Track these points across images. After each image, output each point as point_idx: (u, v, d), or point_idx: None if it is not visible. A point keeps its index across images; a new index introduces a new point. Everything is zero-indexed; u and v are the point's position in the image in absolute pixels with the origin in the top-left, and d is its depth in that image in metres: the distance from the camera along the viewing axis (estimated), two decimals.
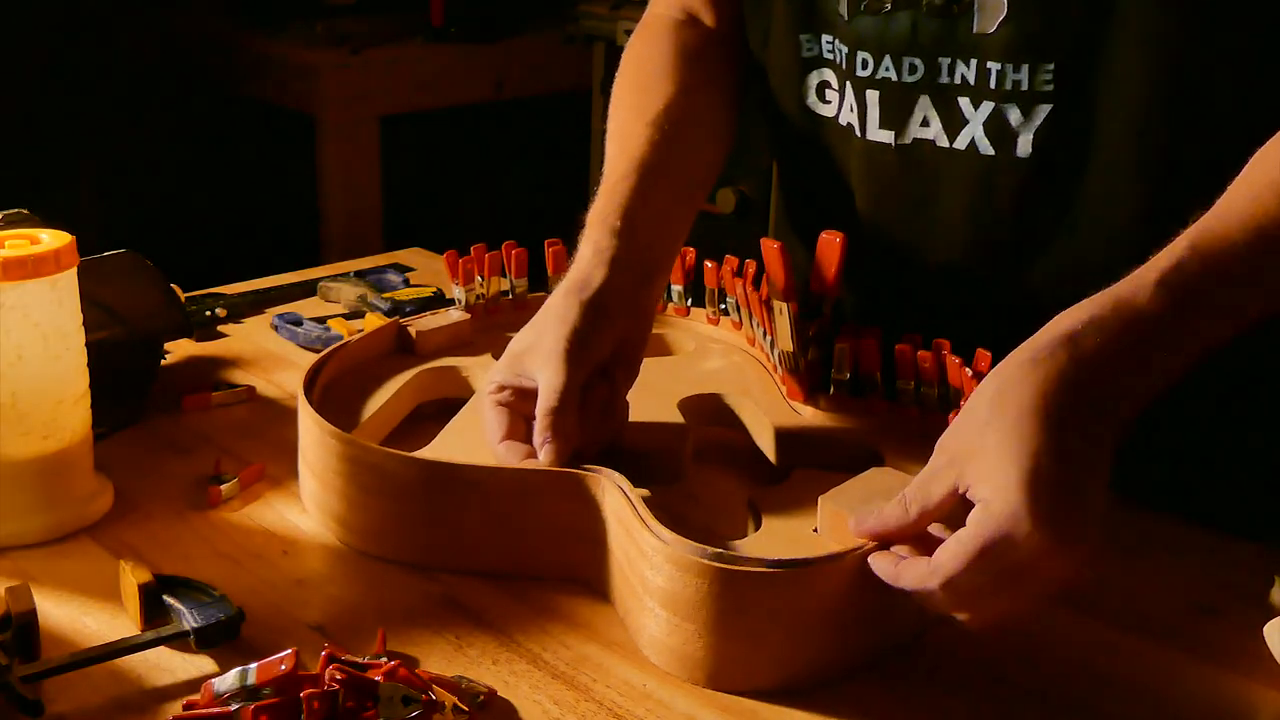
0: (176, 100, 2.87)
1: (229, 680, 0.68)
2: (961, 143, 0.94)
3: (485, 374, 0.97)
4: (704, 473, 0.91)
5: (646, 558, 0.73)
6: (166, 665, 0.74)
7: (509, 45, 2.90)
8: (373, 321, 1.18)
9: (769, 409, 0.93)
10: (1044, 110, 0.90)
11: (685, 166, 0.98)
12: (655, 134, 0.96)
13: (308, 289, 1.30)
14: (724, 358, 1.02)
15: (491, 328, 1.04)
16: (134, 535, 0.86)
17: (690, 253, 1.05)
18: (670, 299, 1.07)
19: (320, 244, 2.71)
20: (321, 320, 1.20)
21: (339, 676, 0.68)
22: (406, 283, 1.30)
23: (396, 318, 1.05)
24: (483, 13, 2.89)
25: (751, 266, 0.99)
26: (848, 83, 0.98)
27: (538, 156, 3.04)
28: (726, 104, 1.06)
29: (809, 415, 0.93)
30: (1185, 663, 0.77)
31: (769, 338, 0.96)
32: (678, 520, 0.84)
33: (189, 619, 0.74)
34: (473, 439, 0.87)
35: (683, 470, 0.87)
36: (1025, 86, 0.90)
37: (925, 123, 0.95)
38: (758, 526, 0.81)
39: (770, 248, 0.92)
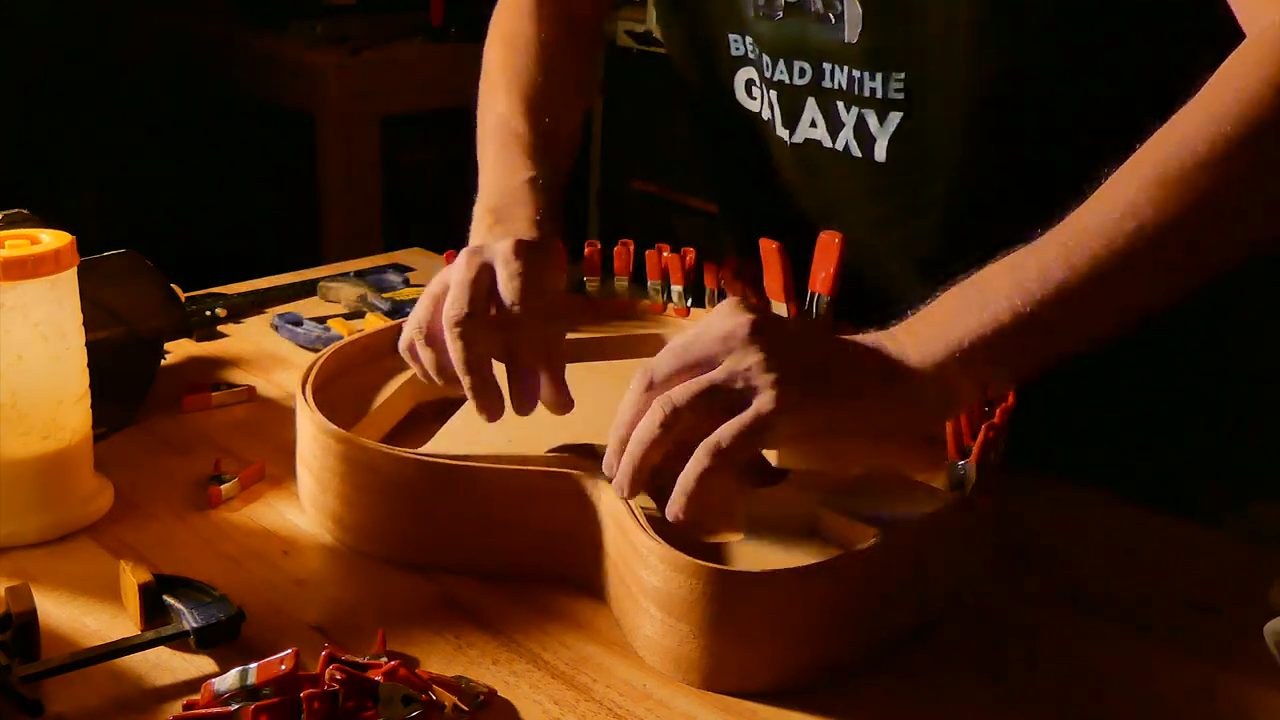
0: (177, 100, 2.87)
1: (229, 680, 0.68)
2: (840, 144, 0.97)
3: None
4: None
5: (641, 558, 0.73)
6: (166, 665, 0.74)
7: None
8: (373, 321, 1.18)
9: None
10: (896, 118, 0.93)
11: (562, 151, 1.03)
12: (535, 122, 1.02)
13: (308, 289, 1.30)
14: None
15: None
16: (134, 535, 0.87)
17: (690, 253, 1.05)
18: (670, 299, 1.07)
19: (320, 244, 2.71)
20: (321, 320, 1.20)
21: (339, 676, 0.68)
22: (406, 283, 1.30)
23: (399, 320, 1.05)
24: (483, 13, 2.89)
25: (749, 267, 0.99)
26: (762, 81, 1.01)
27: None
28: (585, 85, 1.12)
29: None
30: (1185, 663, 0.77)
31: None
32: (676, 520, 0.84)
33: (189, 619, 0.74)
34: (470, 439, 0.87)
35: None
36: (880, 94, 0.93)
37: (813, 124, 0.98)
38: (755, 527, 0.81)
39: (769, 248, 0.92)
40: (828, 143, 0.97)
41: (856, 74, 0.93)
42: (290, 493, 0.92)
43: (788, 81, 0.98)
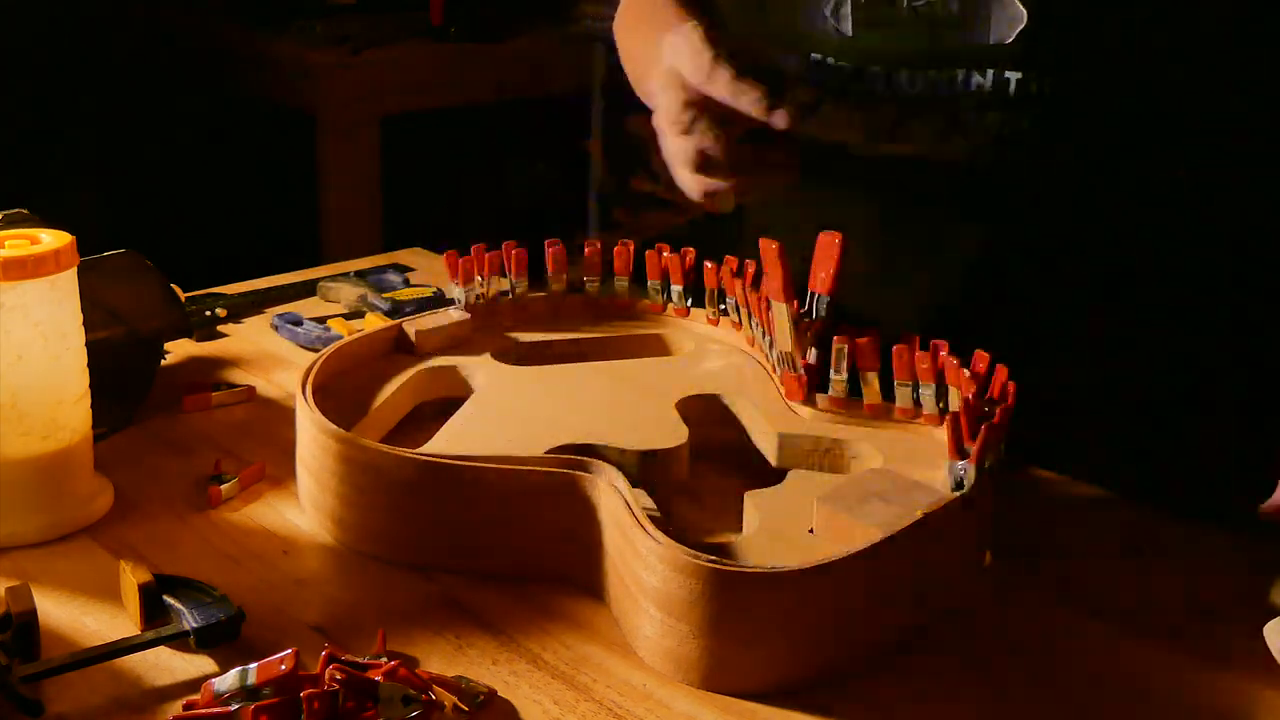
0: (177, 100, 2.87)
1: (229, 680, 0.68)
2: (951, 157, 0.94)
3: (484, 373, 0.98)
4: (702, 473, 0.91)
5: (641, 558, 0.73)
6: (166, 665, 0.74)
7: (509, 45, 2.90)
8: (373, 321, 1.18)
9: (767, 410, 0.93)
10: (1041, 119, 0.90)
11: None
12: None
13: (308, 289, 1.30)
14: (723, 358, 1.02)
15: (491, 328, 1.04)
16: (134, 535, 0.87)
17: (690, 253, 1.05)
18: (670, 299, 1.07)
19: (320, 244, 2.71)
20: (321, 320, 1.20)
21: (339, 676, 0.68)
22: (406, 283, 1.30)
23: (399, 320, 1.05)
24: (483, 13, 2.89)
25: (751, 266, 0.99)
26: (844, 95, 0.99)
27: (538, 156, 3.04)
28: None
29: (807, 416, 0.93)
30: (1185, 663, 0.77)
31: (768, 338, 0.96)
32: (676, 520, 0.84)
33: (189, 619, 0.74)
34: (470, 439, 0.87)
35: (681, 471, 0.87)
36: (1035, 93, 0.90)
37: (920, 134, 0.96)
38: (754, 527, 0.81)
39: (770, 248, 0.92)
40: (934, 156, 0.95)
41: (1013, 76, 0.91)
42: (290, 493, 0.92)
43: (908, 91, 0.95)
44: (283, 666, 0.68)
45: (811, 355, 0.94)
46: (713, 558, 0.72)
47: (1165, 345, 0.96)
